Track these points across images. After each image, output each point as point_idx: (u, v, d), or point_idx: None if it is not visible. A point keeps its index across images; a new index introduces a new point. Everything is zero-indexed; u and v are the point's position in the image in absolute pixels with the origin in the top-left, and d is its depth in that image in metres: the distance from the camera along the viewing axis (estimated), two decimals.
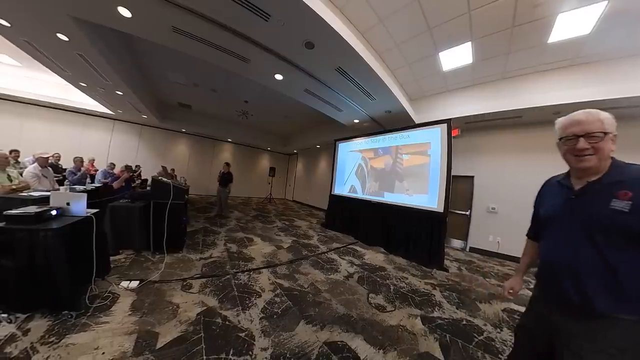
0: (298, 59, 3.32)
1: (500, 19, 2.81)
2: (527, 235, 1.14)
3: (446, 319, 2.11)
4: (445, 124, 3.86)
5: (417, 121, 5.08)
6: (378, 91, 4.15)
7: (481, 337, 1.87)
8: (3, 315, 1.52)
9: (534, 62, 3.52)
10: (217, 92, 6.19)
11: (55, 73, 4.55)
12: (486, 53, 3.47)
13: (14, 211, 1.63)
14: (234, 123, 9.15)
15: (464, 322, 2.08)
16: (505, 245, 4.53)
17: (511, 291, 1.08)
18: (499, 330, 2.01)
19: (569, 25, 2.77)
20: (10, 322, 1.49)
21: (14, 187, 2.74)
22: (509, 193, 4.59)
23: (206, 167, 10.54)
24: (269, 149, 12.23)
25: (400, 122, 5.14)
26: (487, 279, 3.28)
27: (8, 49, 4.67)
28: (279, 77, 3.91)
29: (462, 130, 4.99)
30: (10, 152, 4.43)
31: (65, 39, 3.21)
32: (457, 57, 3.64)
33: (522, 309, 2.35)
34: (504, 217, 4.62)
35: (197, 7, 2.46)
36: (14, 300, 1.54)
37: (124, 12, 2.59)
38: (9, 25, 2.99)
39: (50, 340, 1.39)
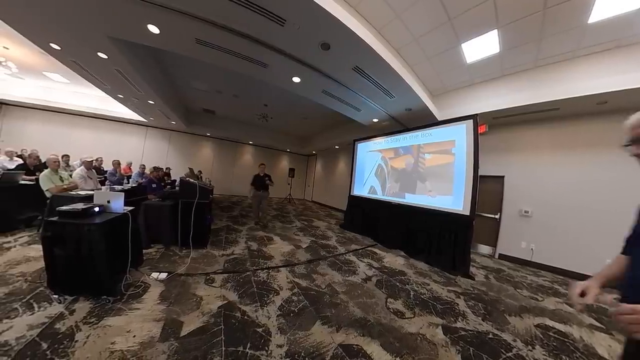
0: (315, 60, 3.35)
1: (530, 1, 2.57)
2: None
3: (470, 330, 1.96)
4: (471, 120, 3.62)
5: (439, 118, 4.84)
6: (397, 89, 4.03)
7: (509, 354, 1.70)
8: (54, 296, 1.76)
9: (572, 46, 3.16)
10: (239, 97, 6.48)
11: (97, 87, 5.20)
12: (515, 40, 3.19)
13: (64, 207, 1.87)
14: (255, 126, 9.51)
15: (490, 336, 1.91)
16: (540, 253, 4.10)
17: (583, 295, 0.75)
18: (530, 347, 1.80)
19: (614, 1, 2.44)
20: (60, 303, 1.71)
21: (64, 186, 3.18)
22: (545, 195, 4.15)
23: (229, 169, 11.10)
24: (288, 150, 12.48)
25: (422, 120, 4.93)
26: (519, 290, 2.99)
27: (59, 69, 5.44)
28: (296, 79, 3.98)
29: (489, 126, 4.65)
30: (63, 156, 5.09)
31: (105, 57, 3.66)
32: (481, 47, 3.39)
33: (559, 326, 2.17)
34: (539, 221, 4.19)
35: (216, 19, 2.61)
36: (63, 284, 1.78)
37: (153, 29, 2.85)
38: (59, 48, 3.51)
39: (91, 320, 1.57)
